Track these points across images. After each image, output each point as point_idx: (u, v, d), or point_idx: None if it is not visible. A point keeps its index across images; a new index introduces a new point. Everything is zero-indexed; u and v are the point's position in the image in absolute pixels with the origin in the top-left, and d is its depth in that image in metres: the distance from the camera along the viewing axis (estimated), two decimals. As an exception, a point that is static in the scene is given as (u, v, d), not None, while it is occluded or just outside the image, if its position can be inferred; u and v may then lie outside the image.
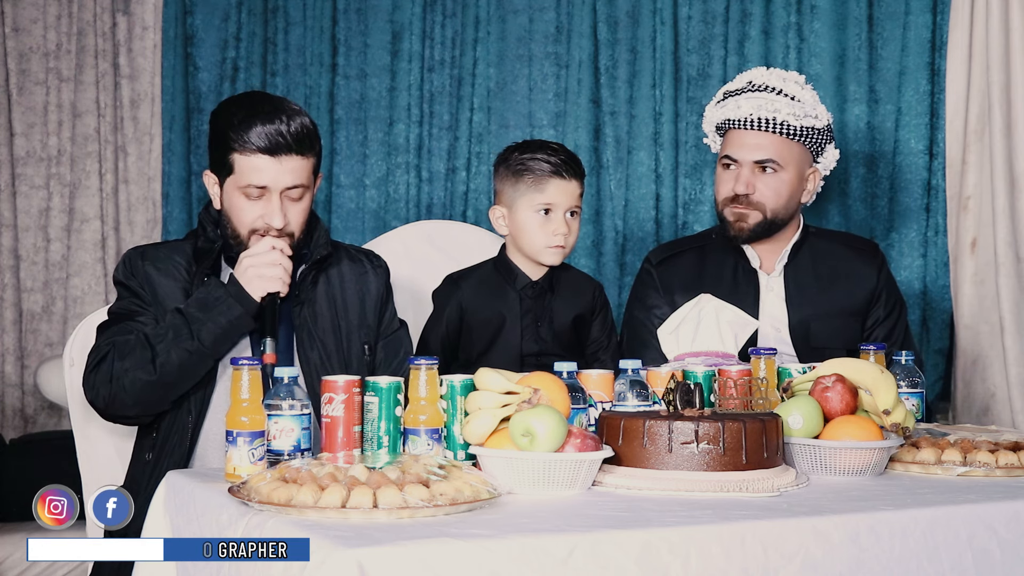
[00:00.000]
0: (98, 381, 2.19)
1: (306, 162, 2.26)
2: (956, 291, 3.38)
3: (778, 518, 1.64)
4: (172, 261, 2.31)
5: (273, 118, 2.22)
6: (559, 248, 2.58)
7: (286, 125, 2.22)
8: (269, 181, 2.23)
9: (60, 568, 3.19)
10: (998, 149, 3.25)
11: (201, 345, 2.17)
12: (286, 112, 2.24)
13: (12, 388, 3.85)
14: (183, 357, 2.16)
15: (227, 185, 2.28)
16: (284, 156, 2.22)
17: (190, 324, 2.17)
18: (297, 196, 2.27)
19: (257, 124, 2.21)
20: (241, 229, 2.28)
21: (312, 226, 2.38)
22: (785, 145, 2.72)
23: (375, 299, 2.45)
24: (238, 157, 2.23)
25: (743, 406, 2.04)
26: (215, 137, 2.28)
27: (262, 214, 2.25)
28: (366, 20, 3.91)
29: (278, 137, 2.21)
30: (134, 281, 2.29)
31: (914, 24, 3.46)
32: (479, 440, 1.84)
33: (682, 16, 3.67)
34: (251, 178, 2.23)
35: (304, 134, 2.24)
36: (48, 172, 3.92)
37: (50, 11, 3.93)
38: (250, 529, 1.59)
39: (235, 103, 2.31)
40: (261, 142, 2.21)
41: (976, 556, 1.72)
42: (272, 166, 2.22)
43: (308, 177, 2.28)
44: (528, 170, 2.56)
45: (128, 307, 2.28)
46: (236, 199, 2.26)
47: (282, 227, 2.26)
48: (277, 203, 2.25)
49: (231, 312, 2.18)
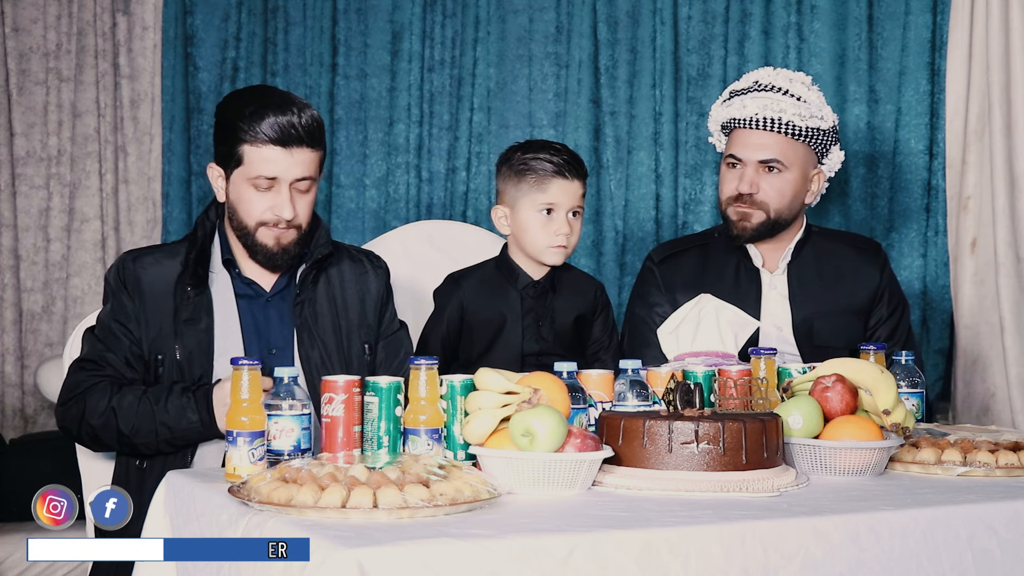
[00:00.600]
0: (67, 418, 2.27)
1: (315, 155, 2.28)
2: (956, 291, 3.38)
3: (778, 518, 1.64)
4: (163, 275, 2.32)
5: (285, 110, 2.24)
6: (561, 248, 2.58)
7: (297, 117, 2.24)
8: (280, 172, 2.25)
9: (60, 568, 3.19)
10: (998, 149, 3.25)
11: (160, 445, 2.22)
12: (296, 104, 2.26)
13: (12, 388, 3.85)
14: (146, 440, 2.22)
15: (235, 177, 2.29)
16: (295, 148, 2.24)
17: (157, 429, 2.20)
18: (305, 188, 2.29)
19: (269, 115, 2.23)
20: (249, 221, 2.29)
21: (313, 225, 2.38)
22: (790, 145, 2.72)
23: (375, 299, 2.46)
24: (248, 148, 2.24)
25: (743, 406, 2.04)
26: (223, 129, 2.29)
27: (271, 206, 2.27)
28: (366, 20, 3.91)
29: (290, 129, 2.23)
30: (124, 294, 2.31)
31: (914, 24, 3.46)
32: (479, 440, 1.84)
33: (682, 16, 3.67)
34: (262, 169, 2.24)
35: (315, 127, 2.27)
36: (48, 172, 3.92)
37: (50, 11, 3.92)
38: (250, 529, 1.59)
39: (244, 95, 2.34)
40: (273, 133, 2.22)
41: (976, 556, 1.72)
42: (283, 157, 2.24)
43: (316, 170, 2.30)
44: (531, 170, 2.56)
45: (109, 328, 2.30)
46: (245, 191, 2.28)
47: (291, 219, 2.27)
48: (287, 194, 2.26)
49: (196, 435, 2.21)
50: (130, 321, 2.29)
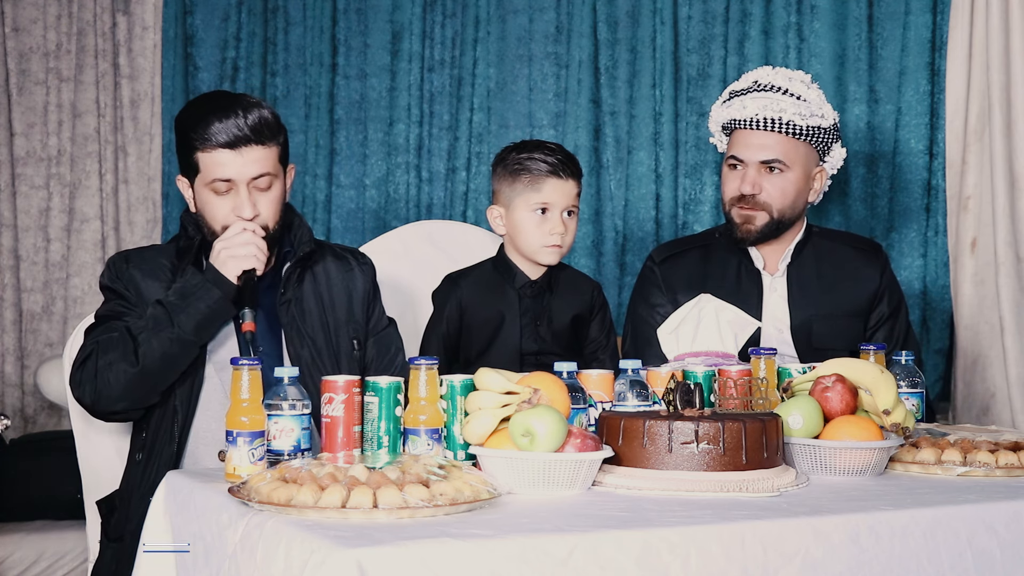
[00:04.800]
0: (83, 378, 2.21)
1: (268, 151, 2.28)
2: (956, 291, 3.38)
3: (778, 518, 1.64)
4: (156, 263, 2.34)
5: (229, 113, 2.25)
6: (556, 248, 2.58)
7: (242, 119, 2.24)
8: (233, 174, 2.25)
9: (60, 568, 3.19)
10: (998, 149, 3.25)
11: (182, 332, 2.19)
12: (242, 105, 2.27)
13: (12, 388, 3.85)
14: (165, 346, 2.18)
15: (197, 185, 2.31)
16: (244, 147, 2.25)
17: (170, 313, 2.19)
18: (265, 185, 2.29)
19: (214, 121, 2.24)
20: (215, 226, 2.30)
21: (288, 222, 2.39)
22: (791, 145, 2.72)
23: (362, 296, 2.46)
24: (202, 155, 2.26)
25: (743, 406, 2.04)
26: (179, 140, 2.32)
27: (232, 207, 2.28)
28: (366, 20, 3.91)
29: (235, 130, 2.24)
30: (119, 284, 2.32)
31: (914, 24, 3.46)
32: (479, 440, 1.84)
33: (682, 16, 3.67)
34: (215, 172, 2.26)
35: (262, 124, 2.26)
36: (48, 172, 3.92)
37: (50, 11, 3.93)
38: (250, 529, 1.59)
39: (193, 104, 2.35)
40: (220, 137, 2.24)
41: (976, 556, 1.71)
42: (234, 159, 2.25)
43: (274, 166, 2.30)
44: (525, 170, 2.56)
45: (114, 309, 2.30)
46: (206, 196, 2.29)
47: (252, 217, 2.28)
48: (245, 194, 2.27)
49: (209, 297, 2.20)
50: (130, 305, 2.29)
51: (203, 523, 1.75)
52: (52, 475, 3.29)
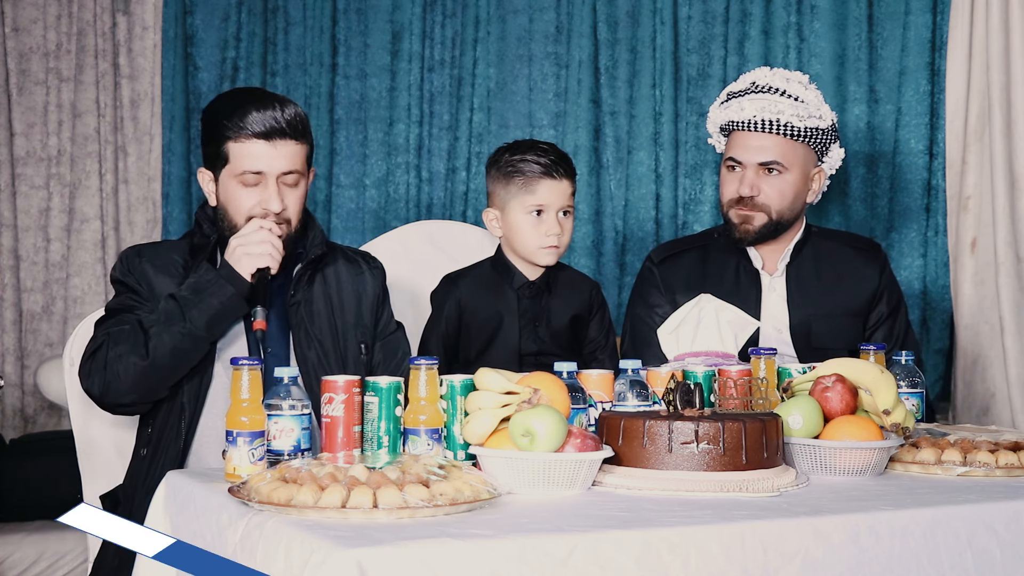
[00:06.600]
0: (93, 369, 2.20)
1: (300, 148, 2.29)
2: (956, 291, 3.38)
3: (778, 518, 1.64)
4: (169, 259, 2.33)
5: (267, 105, 2.26)
6: (553, 248, 2.58)
7: (280, 112, 2.26)
8: (265, 166, 2.25)
9: (60, 568, 3.19)
10: (998, 149, 3.25)
11: (193, 327, 2.18)
12: (278, 100, 2.29)
13: (12, 388, 3.85)
14: (176, 340, 2.18)
15: (223, 176, 2.30)
16: (279, 141, 2.25)
17: (183, 307, 2.19)
18: (293, 182, 2.30)
19: (252, 111, 2.24)
20: (239, 218, 2.29)
21: (306, 224, 2.39)
22: (789, 146, 2.72)
23: (371, 299, 2.46)
24: (233, 145, 2.26)
25: (743, 406, 2.04)
26: (209, 130, 2.31)
27: (260, 200, 2.27)
28: (366, 20, 3.91)
29: (272, 122, 2.24)
30: (131, 278, 2.31)
31: (914, 24, 3.46)
32: (479, 440, 1.84)
33: (682, 16, 3.67)
34: (247, 164, 2.25)
35: (298, 120, 2.28)
36: (48, 172, 3.92)
37: (50, 11, 3.93)
38: (250, 529, 1.59)
39: (227, 96, 2.36)
40: (256, 127, 2.24)
41: (976, 556, 1.72)
42: (268, 151, 2.25)
43: (303, 164, 2.31)
44: (518, 171, 2.55)
45: (125, 302, 2.30)
46: (233, 188, 2.28)
47: (280, 211, 2.28)
48: (274, 188, 2.27)
49: (223, 293, 2.20)
50: (142, 299, 2.29)
51: (203, 523, 1.75)
52: (52, 475, 3.29)
